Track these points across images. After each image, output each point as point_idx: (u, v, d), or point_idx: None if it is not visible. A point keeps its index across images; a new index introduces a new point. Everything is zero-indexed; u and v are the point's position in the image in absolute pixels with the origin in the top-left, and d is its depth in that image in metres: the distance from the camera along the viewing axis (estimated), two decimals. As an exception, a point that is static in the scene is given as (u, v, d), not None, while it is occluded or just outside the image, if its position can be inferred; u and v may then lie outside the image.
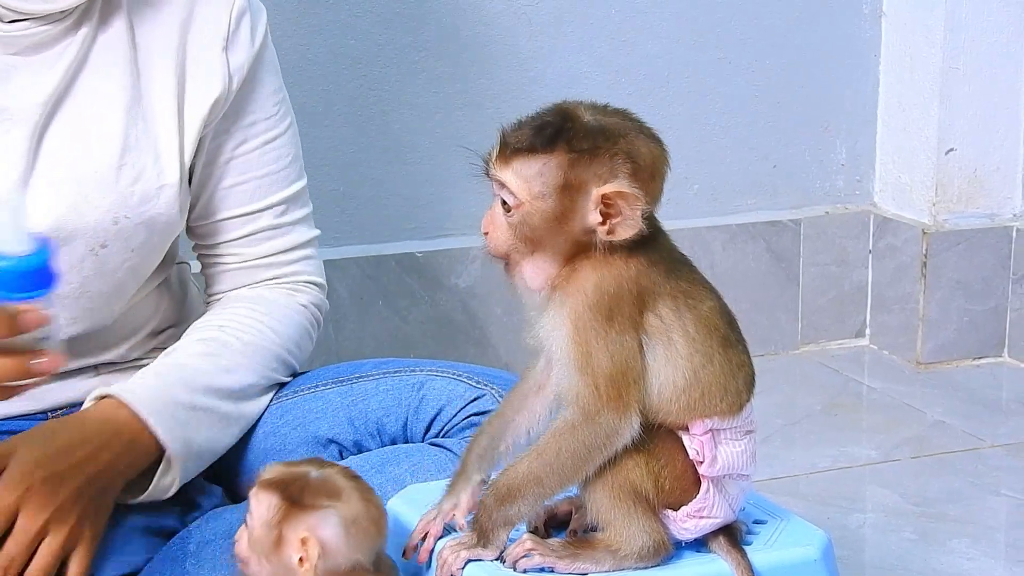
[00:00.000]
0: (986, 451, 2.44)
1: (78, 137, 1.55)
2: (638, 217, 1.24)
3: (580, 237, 1.26)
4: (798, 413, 2.61)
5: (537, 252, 1.27)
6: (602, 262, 1.26)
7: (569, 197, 1.25)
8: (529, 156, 1.25)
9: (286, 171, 1.71)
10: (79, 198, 1.54)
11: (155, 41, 1.60)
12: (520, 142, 1.26)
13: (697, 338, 1.27)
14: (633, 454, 1.28)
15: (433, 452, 1.61)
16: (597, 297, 1.25)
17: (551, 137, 1.25)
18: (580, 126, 1.26)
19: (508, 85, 2.66)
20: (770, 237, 2.88)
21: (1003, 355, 2.90)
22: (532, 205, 1.25)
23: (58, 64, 1.54)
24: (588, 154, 1.24)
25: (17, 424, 1.63)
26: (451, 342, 2.62)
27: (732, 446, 1.30)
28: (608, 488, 1.28)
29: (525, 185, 1.25)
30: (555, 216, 1.25)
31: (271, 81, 1.70)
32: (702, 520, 1.31)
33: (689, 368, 1.27)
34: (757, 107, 2.86)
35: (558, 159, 1.25)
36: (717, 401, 1.28)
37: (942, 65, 2.79)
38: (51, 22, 1.53)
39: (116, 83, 1.57)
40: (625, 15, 2.72)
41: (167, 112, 1.60)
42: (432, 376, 1.69)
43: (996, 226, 2.87)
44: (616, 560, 1.29)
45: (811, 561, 1.34)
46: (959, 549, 2.07)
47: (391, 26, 2.57)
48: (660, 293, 1.26)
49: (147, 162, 1.58)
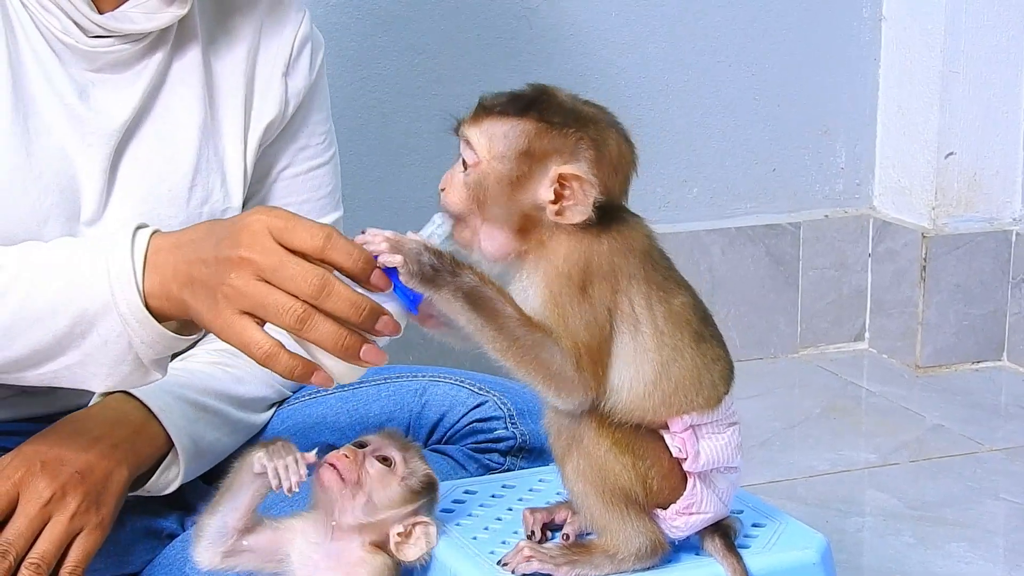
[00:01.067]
0: (985, 455, 2.45)
1: (154, 156, 1.56)
2: (589, 205, 1.24)
3: (530, 211, 1.26)
4: (797, 416, 2.61)
5: (488, 219, 1.27)
6: (576, 235, 1.25)
7: (528, 166, 1.25)
8: (499, 117, 1.27)
9: (324, 200, 1.72)
10: (152, 216, 1.55)
11: (226, 66, 1.62)
12: (494, 105, 1.28)
13: (666, 331, 1.26)
14: (619, 458, 1.27)
15: (434, 459, 1.61)
16: (569, 267, 1.25)
17: (525, 105, 1.28)
18: (556, 102, 1.28)
19: (507, 86, 2.65)
20: (769, 241, 2.88)
21: (1002, 359, 2.90)
22: (490, 165, 1.26)
23: (137, 83, 1.55)
24: (556, 129, 1.26)
25: (26, 427, 1.63)
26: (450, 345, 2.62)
27: (715, 440, 1.29)
28: (599, 495, 1.28)
29: (488, 144, 1.27)
30: (509, 182, 1.26)
31: (322, 110, 1.72)
32: (692, 516, 1.30)
33: (658, 360, 1.26)
34: (756, 110, 2.86)
35: (525, 125, 1.26)
36: (693, 395, 1.28)
37: (942, 69, 2.79)
38: (131, 41, 1.54)
39: (191, 105, 1.58)
40: (624, 18, 2.72)
41: (234, 136, 1.61)
42: (434, 382, 1.69)
43: (995, 230, 2.87)
44: (614, 563, 1.29)
45: (810, 565, 1.34)
46: (957, 553, 2.08)
47: (391, 28, 2.57)
48: (634, 277, 1.26)
49: (215, 184, 1.59)
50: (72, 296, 1.32)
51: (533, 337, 1.24)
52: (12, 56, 1.49)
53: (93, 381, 1.36)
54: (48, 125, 1.50)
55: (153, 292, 1.30)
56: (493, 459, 1.64)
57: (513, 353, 1.24)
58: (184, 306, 1.28)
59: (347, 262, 1.24)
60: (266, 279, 1.22)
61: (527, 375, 1.25)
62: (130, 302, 1.30)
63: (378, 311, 1.24)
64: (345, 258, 1.24)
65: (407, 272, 1.24)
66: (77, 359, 1.34)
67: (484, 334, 1.24)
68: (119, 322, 1.31)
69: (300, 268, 1.22)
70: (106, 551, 1.51)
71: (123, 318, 1.30)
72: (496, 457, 1.64)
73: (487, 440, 1.65)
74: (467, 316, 1.24)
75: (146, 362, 1.33)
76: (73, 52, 1.52)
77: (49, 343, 1.33)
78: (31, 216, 1.49)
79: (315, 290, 1.21)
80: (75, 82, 1.52)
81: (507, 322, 1.24)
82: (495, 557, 1.32)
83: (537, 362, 1.24)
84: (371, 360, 1.25)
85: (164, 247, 1.31)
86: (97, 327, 1.32)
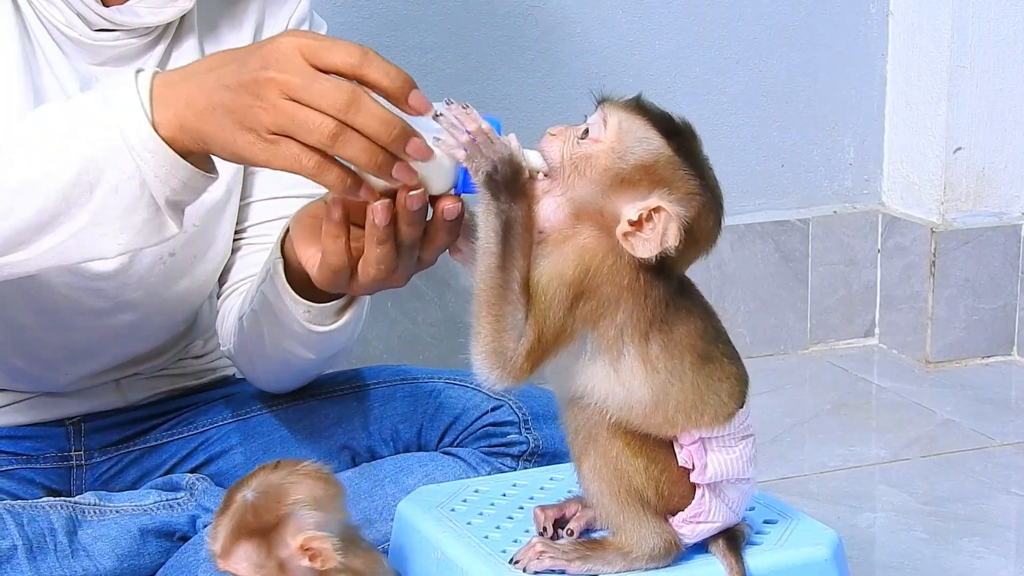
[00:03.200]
0: (995, 450, 2.44)
1: None
2: (657, 249, 1.22)
3: (603, 213, 1.24)
4: (807, 413, 2.61)
5: (564, 193, 1.25)
6: (606, 252, 1.24)
7: (638, 178, 1.23)
8: (645, 121, 1.25)
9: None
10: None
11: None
12: (646, 108, 1.26)
13: (661, 360, 1.25)
14: (632, 460, 1.27)
15: (446, 461, 1.61)
16: (574, 276, 1.23)
17: (673, 129, 1.25)
18: (695, 149, 1.26)
19: (515, 86, 2.66)
20: (778, 237, 2.88)
21: (1012, 354, 2.89)
22: (608, 152, 1.24)
23: None
24: (683, 170, 1.23)
25: (33, 431, 1.64)
26: (460, 344, 2.61)
27: (724, 453, 1.28)
28: (614, 495, 1.27)
29: (620, 134, 1.24)
30: (612, 178, 1.23)
31: None
32: (699, 525, 1.30)
33: (650, 386, 1.25)
34: (764, 106, 2.86)
35: (662, 145, 1.24)
36: (697, 415, 1.26)
37: (950, 64, 2.79)
38: (136, 36, 1.54)
39: None
40: (632, 15, 2.72)
41: None
42: (449, 385, 1.69)
43: (1004, 224, 2.87)
44: (627, 561, 1.29)
45: (822, 561, 1.34)
46: (969, 548, 2.07)
47: (398, 27, 2.57)
48: (636, 315, 1.24)
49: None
50: (78, 143, 1.25)
51: (510, 300, 1.24)
52: (26, 50, 1.50)
53: (104, 242, 1.28)
54: None
55: (164, 123, 1.24)
56: (505, 463, 1.64)
57: (488, 295, 1.24)
58: (202, 136, 1.23)
59: (384, 80, 1.20)
60: (295, 98, 1.18)
61: (480, 322, 1.26)
62: (140, 132, 1.24)
63: (409, 132, 1.20)
64: (382, 76, 1.20)
65: (476, 168, 1.23)
66: (85, 220, 1.27)
67: (485, 262, 1.24)
68: (129, 159, 1.24)
69: (330, 83, 1.18)
70: (118, 553, 1.52)
71: (133, 151, 1.24)
72: (508, 461, 1.64)
73: (500, 444, 1.64)
74: (489, 239, 1.23)
75: (161, 202, 1.26)
76: (77, 45, 1.52)
77: (56, 201, 1.26)
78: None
79: (344, 104, 1.17)
80: (79, 75, 1.52)
81: (508, 271, 1.23)
82: (507, 556, 1.32)
83: (496, 320, 1.25)
84: (402, 177, 1.21)
85: (173, 80, 1.25)
86: (106, 173, 1.25)
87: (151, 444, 1.70)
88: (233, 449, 1.68)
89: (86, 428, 1.67)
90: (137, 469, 1.69)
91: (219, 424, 1.70)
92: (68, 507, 1.55)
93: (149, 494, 1.60)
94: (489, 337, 1.26)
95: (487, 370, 1.27)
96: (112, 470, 1.69)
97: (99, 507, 1.57)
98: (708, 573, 1.31)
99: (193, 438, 1.70)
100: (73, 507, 1.55)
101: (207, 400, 1.73)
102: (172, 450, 1.70)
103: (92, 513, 1.56)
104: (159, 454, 1.70)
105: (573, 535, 1.34)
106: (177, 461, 1.69)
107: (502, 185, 1.23)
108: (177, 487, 1.61)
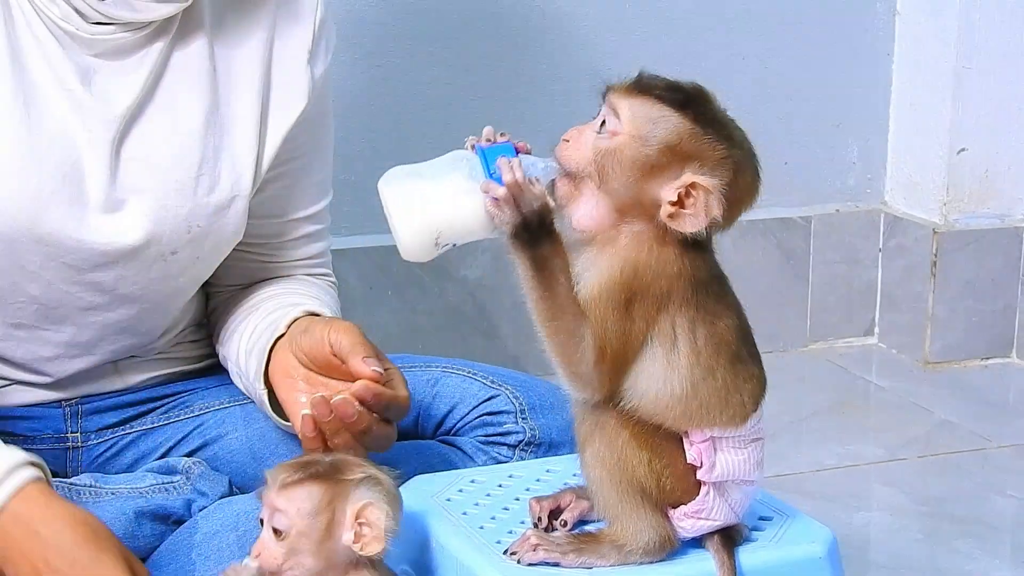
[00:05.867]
0: (993, 451, 2.44)
1: (158, 146, 1.56)
2: (705, 221, 1.23)
3: (644, 202, 1.24)
4: (805, 411, 2.61)
5: (598, 191, 1.26)
6: (650, 246, 1.24)
7: (666, 159, 1.23)
8: (656, 101, 1.26)
9: (325, 183, 1.73)
10: (158, 206, 1.55)
11: (239, 55, 1.61)
12: (652, 86, 1.27)
13: (704, 352, 1.25)
14: (637, 452, 1.27)
15: (442, 449, 1.62)
16: (625, 278, 1.24)
17: (684, 100, 1.26)
18: (712, 110, 1.27)
19: (521, 77, 2.66)
20: (780, 234, 2.88)
21: (1011, 356, 2.89)
22: (630, 141, 1.24)
23: (139, 71, 1.55)
24: (707, 138, 1.24)
25: (39, 411, 1.64)
26: (460, 333, 2.62)
27: (733, 454, 1.29)
28: (615, 484, 1.28)
29: (635, 121, 1.25)
30: (642, 166, 1.24)
31: (330, 94, 1.72)
32: (700, 521, 1.30)
33: (688, 379, 1.25)
34: (769, 104, 2.86)
35: (680, 121, 1.24)
36: (717, 414, 1.27)
37: (955, 64, 2.79)
38: (132, 30, 1.54)
39: (194, 95, 1.58)
40: (638, 10, 2.72)
41: (248, 125, 1.60)
42: (447, 373, 1.70)
43: (1006, 226, 2.86)
44: (621, 555, 1.29)
45: (816, 559, 1.34)
46: (964, 549, 2.07)
47: (404, 17, 2.57)
48: (686, 303, 1.25)
49: (223, 173, 1.59)
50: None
51: (566, 322, 1.23)
52: (12, 43, 1.49)
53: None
54: (50, 111, 1.50)
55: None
56: (502, 452, 1.64)
57: (546, 328, 1.24)
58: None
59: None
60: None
61: (550, 351, 1.26)
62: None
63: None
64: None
65: (504, 219, 1.23)
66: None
67: (531, 298, 1.24)
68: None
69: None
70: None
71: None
72: (505, 450, 1.64)
73: (496, 433, 1.65)
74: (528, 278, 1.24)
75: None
76: (73, 39, 1.52)
77: None
78: (33, 202, 1.49)
79: None
80: (77, 67, 1.52)
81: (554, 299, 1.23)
82: (502, 546, 1.32)
83: (562, 345, 1.24)
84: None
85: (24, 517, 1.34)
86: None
87: (148, 427, 1.70)
88: (230, 434, 1.68)
89: (83, 410, 1.68)
90: (134, 452, 1.69)
91: (217, 408, 1.70)
92: (64, 488, 1.55)
93: (145, 477, 1.60)
94: (563, 365, 1.26)
95: (577, 393, 1.27)
96: (109, 452, 1.69)
97: (95, 489, 1.57)
98: (699, 569, 1.31)
99: (190, 421, 1.70)
100: (69, 488, 1.55)
101: (205, 384, 1.73)
102: (169, 433, 1.70)
103: (88, 495, 1.56)
104: (156, 437, 1.70)
105: (567, 526, 1.34)
106: (174, 444, 1.69)
107: (529, 231, 1.23)
108: (173, 471, 1.61)
